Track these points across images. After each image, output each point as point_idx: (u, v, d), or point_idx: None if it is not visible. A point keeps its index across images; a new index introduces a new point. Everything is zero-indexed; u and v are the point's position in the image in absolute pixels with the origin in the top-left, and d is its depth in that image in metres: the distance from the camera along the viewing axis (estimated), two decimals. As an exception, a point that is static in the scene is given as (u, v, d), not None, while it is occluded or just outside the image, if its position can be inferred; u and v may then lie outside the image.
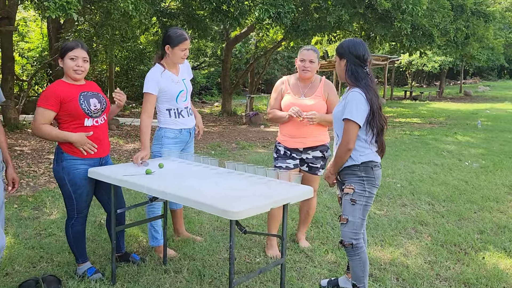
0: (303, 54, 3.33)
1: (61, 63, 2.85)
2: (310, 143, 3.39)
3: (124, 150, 8.30)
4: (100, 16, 9.94)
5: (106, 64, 16.91)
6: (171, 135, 3.39)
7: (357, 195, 2.68)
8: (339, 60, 2.71)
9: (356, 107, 2.56)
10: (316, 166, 3.44)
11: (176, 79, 3.33)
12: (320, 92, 3.38)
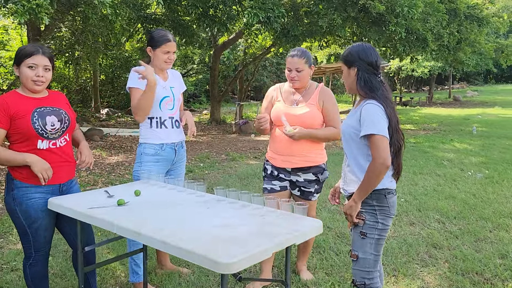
0: (288, 62, 2.89)
1: (17, 71, 2.35)
2: (299, 163, 2.90)
3: (107, 163, 7.77)
4: (79, 22, 9.44)
5: (90, 73, 16.34)
6: (150, 151, 2.93)
7: (368, 228, 2.23)
8: (348, 69, 2.28)
9: (377, 119, 2.14)
10: (310, 190, 2.97)
11: (163, 84, 2.96)
12: (314, 100, 2.91)
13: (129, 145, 9.95)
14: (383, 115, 2.15)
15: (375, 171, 2.12)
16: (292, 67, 2.86)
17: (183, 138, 3.11)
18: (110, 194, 2.47)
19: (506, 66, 26.21)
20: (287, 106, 2.93)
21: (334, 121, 2.90)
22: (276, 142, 2.95)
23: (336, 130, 2.88)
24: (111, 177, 6.69)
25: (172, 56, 2.91)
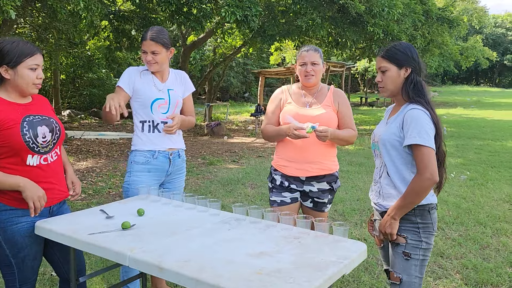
0: (302, 57, 2.61)
1: (8, 73, 1.93)
2: (315, 171, 2.61)
3: (75, 169, 7.22)
4: (44, 18, 8.78)
5: (50, 72, 15.44)
6: (141, 159, 2.61)
7: (412, 248, 2.00)
8: (398, 69, 2.02)
9: (425, 128, 1.91)
10: (323, 201, 2.68)
11: (161, 86, 2.66)
12: (329, 101, 2.65)
13: (96, 149, 9.39)
14: (430, 123, 1.93)
15: (422, 186, 1.89)
16: (307, 60, 2.58)
17: (182, 146, 2.78)
18: (108, 215, 2.11)
19: (465, 68, 27.20)
20: (299, 107, 2.65)
21: (351, 123, 2.69)
22: (288, 148, 2.63)
23: (354, 133, 2.66)
24: (82, 185, 6.19)
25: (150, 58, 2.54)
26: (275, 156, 2.75)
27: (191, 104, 2.83)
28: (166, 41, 2.56)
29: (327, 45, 11.16)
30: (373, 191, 2.18)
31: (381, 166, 2.10)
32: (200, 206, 2.25)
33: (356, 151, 9.10)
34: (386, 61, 2.03)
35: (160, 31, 2.56)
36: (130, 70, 2.66)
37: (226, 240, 1.81)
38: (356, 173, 6.86)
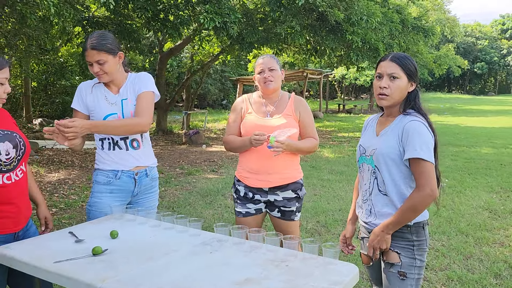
0: (259, 64, 2.56)
1: None
2: (278, 181, 2.55)
3: (46, 181, 6.92)
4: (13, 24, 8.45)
5: (21, 79, 14.94)
6: (102, 180, 2.36)
7: (407, 266, 1.91)
8: (408, 81, 1.90)
9: (427, 142, 1.82)
10: (291, 209, 2.61)
11: (113, 98, 2.37)
12: (290, 110, 2.60)
13: (69, 159, 9.06)
14: (431, 136, 1.85)
15: (422, 202, 1.80)
16: (265, 67, 2.53)
17: (150, 163, 2.48)
18: (78, 238, 1.94)
19: (438, 75, 27.81)
20: (260, 118, 2.59)
21: (313, 132, 2.65)
22: (249, 159, 2.57)
23: (316, 142, 2.63)
24: (54, 198, 5.92)
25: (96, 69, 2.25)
26: (238, 166, 2.69)
27: (143, 103, 2.34)
28: (110, 46, 2.25)
29: (306, 53, 11.16)
30: (362, 209, 2.06)
31: (371, 182, 2.00)
32: (179, 226, 2.10)
33: (336, 159, 9.07)
34: (400, 69, 1.88)
35: (101, 37, 2.25)
36: (81, 87, 2.41)
37: (209, 265, 1.67)
38: (337, 182, 6.80)
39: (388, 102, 1.92)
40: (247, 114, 2.62)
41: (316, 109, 23.13)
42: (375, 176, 1.97)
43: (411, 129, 1.83)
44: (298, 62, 14.37)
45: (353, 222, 2.23)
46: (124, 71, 2.42)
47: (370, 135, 2.07)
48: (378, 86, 1.93)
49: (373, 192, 1.98)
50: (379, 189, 1.96)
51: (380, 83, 1.91)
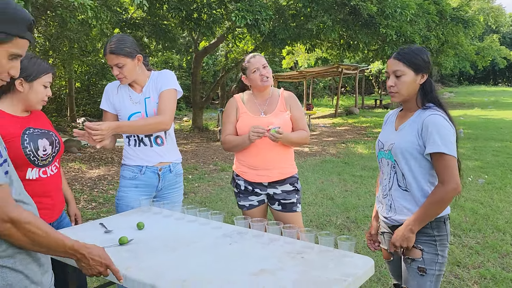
0: (252, 64, 2.61)
1: (22, 86, 1.94)
2: (276, 176, 2.63)
3: (87, 177, 7.25)
4: (55, 27, 8.88)
5: (65, 80, 15.65)
6: (128, 174, 2.49)
7: (429, 262, 1.90)
8: (415, 74, 1.88)
9: (449, 136, 1.81)
10: (291, 201, 2.66)
11: (137, 97, 2.47)
12: (282, 107, 2.66)
13: (109, 156, 9.42)
14: (452, 129, 1.83)
15: (446, 197, 1.79)
16: (258, 65, 2.60)
17: (175, 159, 2.59)
18: (107, 229, 2.06)
19: (482, 68, 26.64)
20: (254, 116, 2.65)
21: (304, 125, 2.70)
22: (249, 155, 2.63)
23: (307, 134, 2.67)
24: (93, 193, 6.20)
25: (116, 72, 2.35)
26: (235, 161, 2.75)
27: (165, 101, 2.40)
28: (128, 50, 2.32)
29: (339, 48, 11.04)
30: (383, 204, 2.06)
31: (391, 177, 1.99)
32: (202, 219, 2.18)
33: (370, 155, 8.94)
34: (403, 65, 1.87)
35: (119, 41, 2.33)
36: (107, 88, 2.55)
37: (227, 256, 1.73)
38: (369, 178, 6.72)
39: (398, 98, 1.94)
40: (242, 114, 2.67)
41: (352, 105, 22.79)
42: (394, 171, 1.97)
43: (431, 123, 1.81)
44: (332, 57, 14.21)
45: (377, 219, 2.22)
46: (146, 70, 2.51)
47: (389, 129, 2.07)
48: (388, 86, 1.95)
49: (392, 187, 1.98)
50: (399, 184, 1.95)
51: (388, 82, 1.93)
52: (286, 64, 20.37)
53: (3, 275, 1.22)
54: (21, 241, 1.23)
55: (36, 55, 2.09)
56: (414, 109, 1.95)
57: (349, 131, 13.80)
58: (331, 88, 30.19)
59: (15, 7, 1.22)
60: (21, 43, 1.22)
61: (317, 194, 5.84)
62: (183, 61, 20.56)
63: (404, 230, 1.88)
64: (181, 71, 21.49)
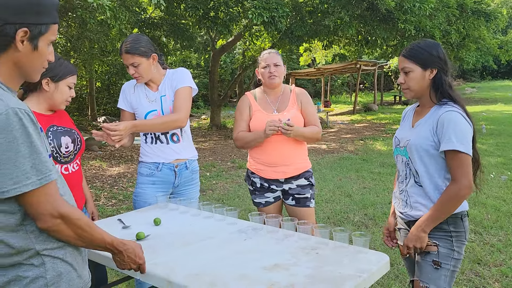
0: (265, 59, 2.63)
1: (48, 86, 2.01)
2: (292, 172, 2.65)
3: (108, 175, 7.38)
4: (76, 28, 9.06)
5: (86, 80, 15.94)
6: (145, 171, 2.54)
7: (444, 256, 1.88)
8: (423, 70, 1.87)
9: (465, 133, 1.79)
10: (305, 196, 2.68)
11: (153, 96, 2.52)
12: (293, 103, 2.68)
13: (129, 155, 9.57)
14: (468, 126, 1.81)
15: (459, 195, 1.77)
16: (270, 62, 2.61)
17: (191, 156, 2.62)
18: (125, 225, 2.10)
19: (505, 62, 25.95)
20: (267, 114, 2.66)
21: (315, 120, 2.71)
22: (265, 152, 2.63)
23: (318, 129, 2.68)
24: (114, 190, 6.31)
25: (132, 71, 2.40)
26: (250, 159, 2.76)
27: (181, 99, 2.46)
28: (143, 49, 2.37)
29: (357, 44, 10.94)
30: (399, 200, 2.05)
31: (407, 173, 1.98)
32: (218, 215, 2.20)
33: (389, 152, 8.84)
34: (409, 62, 1.88)
35: (134, 41, 2.37)
36: (124, 87, 2.61)
37: (241, 251, 1.75)
38: (388, 175, 6.65)
39: (410, 95, 1.95)
40: (255, 112, 2.68)
41: (371, 101, 22.55)
42: (409, 167, 1.96)
43: (447, 120, 1.79)
44: (350, 54, 14.08)
45: (394, 215, 2.21)
46: (161, 69, 2.55)
47: (406, 126, 2.06)
48: (399, 82, 1.97)
49: (409, 183, 1.97)
50: (415, 180, 1.94)
51: (399, 79, 1.96)
52: (303, 61, 20.25)
53: (54, 265, 1.26)
54: (68, 237, 1.27)
55: (61, 57, 2.15)
56: (429, 105, 1.93)
57: (367, 128, 13.67)
58: (349, 85, 29.91)
59: None
60: (55, 28, 1.30)
61: (335, 191, 5.81)
62: (201, 60, 20.66)
63: (416, 230, 1.86)
64: (199, 70, 21.60)
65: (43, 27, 1.25)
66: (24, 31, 1.22)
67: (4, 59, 1.25)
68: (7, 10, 1.19)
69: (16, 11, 1.20)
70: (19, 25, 1.21)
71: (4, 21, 1.20)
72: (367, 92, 30.95)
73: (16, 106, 1.17)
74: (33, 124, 1.20)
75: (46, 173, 1.19)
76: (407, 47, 1.94)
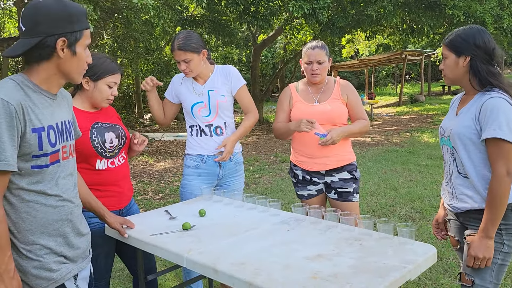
0: (308, 55, 2.58)
1: (88, 84, 2.09)
2: (334, 164, 2.62)
3: (154, 170, 7.62)
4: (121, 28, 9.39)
5: (132, 79, 16.48)
6: (191, 163, 2.63)
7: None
8: (456, 57, 1.85)
9: (508, 120, 1.71)
10: (348, 190, 2.64)
11: (200, 89, 2.61)
12: (337, 94, 2.64)
13: (174, 150, 9.82)
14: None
15: (503, 188, 1.70)
16: (313, 59, 2.57)
17: (235, 149, 2.68)
18: (172, 216, 2.17)
19: None
20: (308, 105, 2.65)
21: (362, 113, 2.68)
22: (306, 144, 2.63)
23: (366, 122, 2.65)
24: (160, 184, 6.51)
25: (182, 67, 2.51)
26: (292, 151, 2.77)
27: (246, 98, 2.69)
28: (195, 46, 2.46)
29: (401, 33, 10.60)
30: (446, 191, 2.00)
31: (451, 164, 1.92)
32: (261, 207, 2.23)
33: (437, 144, 8.53)
34: (446, 48, 1.89)
35: (186, 38, 2.45)
36: (174, 79, 2.70)
37: (284, 242, 1.77)
38: (435, 167, 6.43)
39: (447, 81, 1.94)
40: (296, 103, 2.69)
41: (417, 92, 21.81)
42: (453, 157, 1.91)
43: (490, 107, 1.72)
44: (395, 43, 13.66)
45: (444, 207, 2.15)
46: (209, 64, 2.65)
47: (450, 115, 2.00)
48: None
49: (453, 174, 1.92)
50: (459, 171, 1.89)
51: (440, 65, 1.95)
52: (346, 53, 19.89)
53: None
54: None
55: (107, 56, 2.22)
56: (473, 92, 1.88)
57: (414, 120, 13.25)
58: (394, 76, 29.04)
59: (75, 5, 1.45)
60: (88, 33, 1.50)
61: (380, 184, 5.69)
62: (243, 56, 20.78)
63: (480, 241, 1.77)
64: (240, 65, 21.73)
65: (78, 34, 1.44)
66: (63, 40, 1.42)
67: (47, 66, 1.45)
68: (46, 24, 1.39)
69: (53, 24, 1.40)
70: (58, 36, 1.41)
71: (46, 34, 1.40)
72: (414, 83, 29.94)
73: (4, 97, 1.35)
74: (8, 116, 1.35)
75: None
76: (448, 35, 1.93)
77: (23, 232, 1.45)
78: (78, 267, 1.62)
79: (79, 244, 1.63)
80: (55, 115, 1.52)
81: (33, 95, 1.44)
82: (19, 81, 1.43)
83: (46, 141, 1.45)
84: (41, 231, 1.49)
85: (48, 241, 1.50)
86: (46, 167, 1.47)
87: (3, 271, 1.36)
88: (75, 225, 1.61)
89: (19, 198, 1.44)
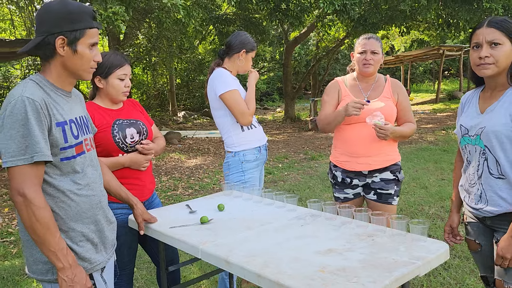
0: (362, 44, 2.47)
1: (101, 83, 2.19)
2: (378, 164, 2.48)
3: (186, 167, 7.79)
4: (154, 28, 9.63)
5: (166, 77, 16.85)
6: (252, 157, 2.75)
7: None
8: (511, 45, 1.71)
9: None
10: (388, 192, 2.50)
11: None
12: (388, 93, 2.52)
13: (206, 147, 9.99)
14: None
15: None
16: (367, 48, 2.46)
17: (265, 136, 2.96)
18: (192, 210, 2.25)
19: None
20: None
21: (410, 115, 2.60)
22: (349, 143, 2.50)
23: (414, 126, 2.57)
24: (190, 181, 6.66)
25: None
26: (333, 151, 2.65)
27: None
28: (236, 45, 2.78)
29: (437, 28, 10.30)
30: (470, 194, 1.89)
31: (480, 164, 1.82)
32: (279, 202, 2.27)
33: (473, 142, 8.26)
34: (500, 33, 1.69)
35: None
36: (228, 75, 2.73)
37: (297, 236, 1.80)
38: (470, 166, 6.23)
39: (493, 71, 1.72)
40: (344, 97, 2.56)
41: (456, 89, 21.11)
42: (485, 157, 1.79)
43: None
44: (431, 39, 13.30)
45: (458, 210, 2.07)
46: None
47: (472, 113, 1.89)
48: (477, 57, 1.74)
49: (483, 176, 1.81)
50: (490, 171, 1.78)
51: (480, 53, 1.72)
52: (380, 49, 19.48)
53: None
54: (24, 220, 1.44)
55: (112, 51, 2.29)
56: (503, 87, 1.76)
57: (451, 117, 12.86)
58: (432, 72, 28.21)
59: (77, 5, 1.52)
60: (93, 32, 1.55)
61: (410, 182, 5.59)
62: (276, 53, 20.79)
63: (509, 241, 1.70)
64: (273, 63, 21.75)
65: (78, 33, 1.51)
66: (62, 38, 1.49)
67: (54, 64, 1.54)
68: (48, 23, 1.48)
69: (54, 23, 1.48)
70: (57, 34, 1.48)
71: (47, 32, 1.48)
72: (453, 79, 28.97)
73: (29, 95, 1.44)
74: (35, 112, 1.43)
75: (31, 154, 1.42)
76: (493, 19, 1.73)
77: (59, 220, 1.56)
78: (106, 258, 1.72)
79: (108, 232, 1.74)
80: (73, 111, 1.62)
81: (51, 93, 1.55)
82: (38, 81, 1.53)
83: (70, 134, 1.55)
84: (76, 218, 1.59)
85: (83, 228, 1.61)
86: (73, 158, 1.57)
87: (57, 250, 1.47)
88: (105, 212, 1.73)
89: (54, 189, 1.54)
